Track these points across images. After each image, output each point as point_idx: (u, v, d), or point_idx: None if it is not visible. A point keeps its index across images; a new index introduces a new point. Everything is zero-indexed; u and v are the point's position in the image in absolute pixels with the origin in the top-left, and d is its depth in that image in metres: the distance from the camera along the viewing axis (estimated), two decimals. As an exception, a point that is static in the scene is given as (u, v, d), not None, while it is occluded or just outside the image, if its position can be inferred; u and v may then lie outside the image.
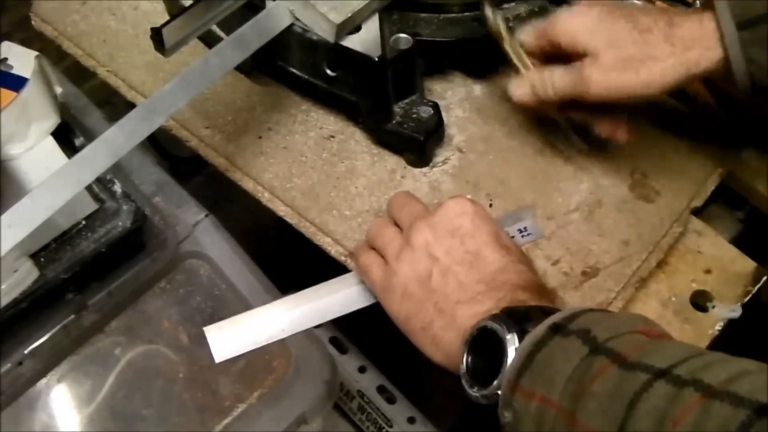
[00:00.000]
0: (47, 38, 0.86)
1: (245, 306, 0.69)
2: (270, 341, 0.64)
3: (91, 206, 0.67)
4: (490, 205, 0.72)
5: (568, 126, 0.71)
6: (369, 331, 1.10)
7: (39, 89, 0.69)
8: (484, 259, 0.58)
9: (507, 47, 0.69)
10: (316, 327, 1.13)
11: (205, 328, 0.64)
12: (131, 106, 0.65)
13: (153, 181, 0.74)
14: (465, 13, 0.75)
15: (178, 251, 0.71)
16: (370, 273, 0.61)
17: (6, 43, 0.70)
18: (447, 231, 0.59)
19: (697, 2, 0.70)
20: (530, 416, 0.47)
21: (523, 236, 0.68)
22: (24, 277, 0.63)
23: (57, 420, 0.65)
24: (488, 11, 0.70)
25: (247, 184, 0.75)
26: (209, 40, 0.78)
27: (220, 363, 0.65)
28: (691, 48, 0.60)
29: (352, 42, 0.69)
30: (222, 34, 0.75)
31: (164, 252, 0.70)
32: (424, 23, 0.74)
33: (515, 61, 0.68)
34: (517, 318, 0.52)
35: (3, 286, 0.62)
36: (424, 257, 0.58)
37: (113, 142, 0.60)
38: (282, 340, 0.68)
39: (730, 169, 0.75)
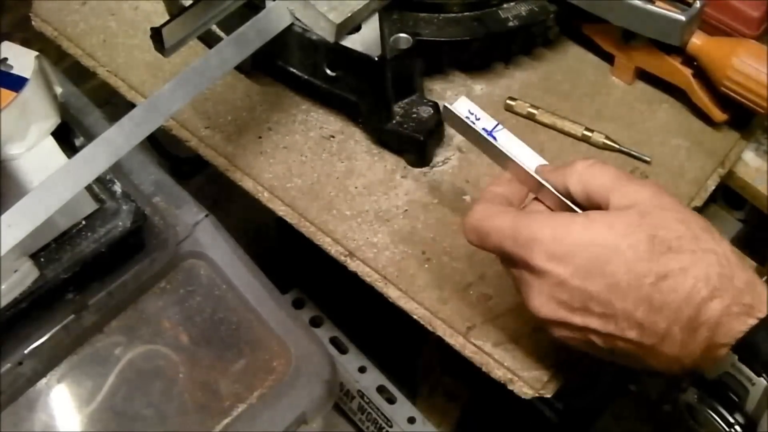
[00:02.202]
0: (47, 38, 0.86)
1: (245, 306, 0.69)
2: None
3: (91, 206, 0.67)
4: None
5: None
6: (369, 331, 1.10)
7: (39, 89, 0.69)
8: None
9: None
10: (316, 327, 1.14)
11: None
12: (131, 106, 0.64)
13: (153, 181, 0.74)
14: (465, 13, 0.75)
15: (178, 251, 0.71)
16: None
17: (6, 43, 0.70)
18: None
19: (697, 3, 0.70)
20: None
21: None
22: (24, 277, 0.63)
23: (57, 420, 0.65)
24: None
25: (247, 184, 0.75)
26: (209, 40, 0.78)
27: (219, 363, 0.65)
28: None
29: (352, 42, 0.69)
30: (222, 34, 0.75)
31: (164, 252, 0.70)
32: (424, 23, 0.74)
33: None
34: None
35: (3, 286, 0.62)
36: None
37: (113, 142, 0.60)
38: (282, 340, 0.68)
39: (730, 169, 0.75)
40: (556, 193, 0.54)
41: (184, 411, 0.66)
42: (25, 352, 0.65)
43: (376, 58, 0.68)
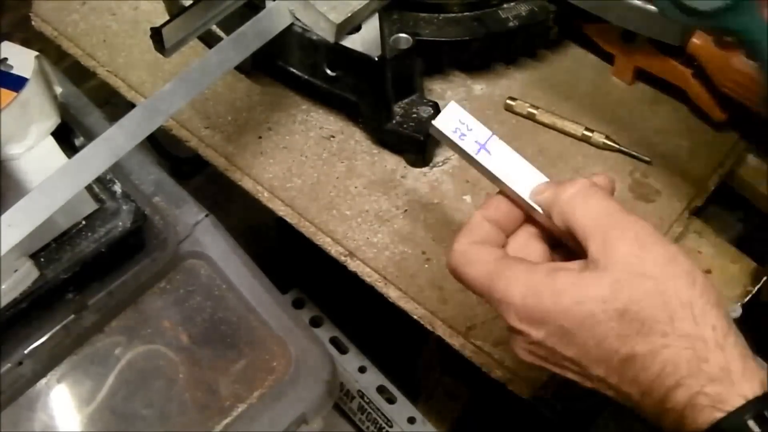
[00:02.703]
0: (47, 38, 0.86)
1: (245, 306, 0.69)
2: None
3: (91, 206, 0.67)
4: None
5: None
6: (369, 331, 1.10)
7: (39, 89, 0.69)
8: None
9: None
10: (316, 327, 1.14)
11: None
12: (131, 106, 0.65)
13: (153, 181, 0.74)
14: (465, 13, 0.75)
15: (178, 251, 0.71)
16: None
17: (6, 43, 0.70)
18: None
19: None
20: None
21: None
22: (24, 277, 0.63)
23: (57, 420, 0.65)
24: None
25: (247, 184, 0.75)
26: (209, 40, 0.78)
27: (219, 363, 0.65)
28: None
29: (352, 42, 0.69)
30: (222, 34, 0.75)
31: (164, 252, 0.70)
32: (424, 23, 0.74)
33: None
34: None
35: (3, 286, 0.62)
36: None
37: (113, 142, 0.60)
38: (282, 340, 0.68)
39: (730, 169, 0.75)
40: (544, 221, 0.50)
41: (184, 411, 0.66)
42: (25, 352, 0.65)
43: (376, 58, 0.68)
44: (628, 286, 0.44)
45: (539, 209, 0.50)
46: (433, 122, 0.52)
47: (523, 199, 0.50)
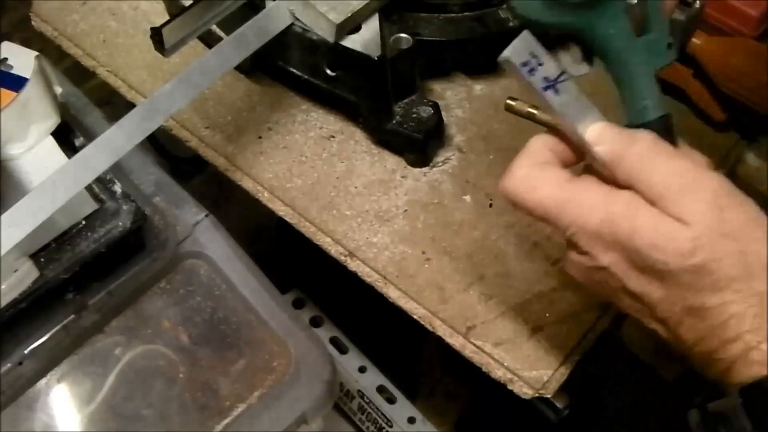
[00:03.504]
0: (47, 38, 0.86)
1: (245, 306, 0.69)
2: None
3: (91, 206, 0.67)
4: (490, 205, 0.72)
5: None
6: (369, 331, 1.10)
7: (39, 89, 0.69)
8: None
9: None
10: (316, 327, 1.14)
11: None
12: (131, 106, 0.64)
13: (153, 181, 0.74)
14: (465, 13, 0.75)
15: (178, 251, 0.71)
16: None
17: (6, 43, 0.70)
18: None
19: (697, 3, 0.70)
20: None
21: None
22: (24, 277, 0.63)
23: (57, 420, 0.65)
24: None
25: (247, 184, 0.75)
26: (209, 40, 0.78)
27: (219, 363, 0.65)
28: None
29: (352, 42, 0.69)
30: (222, 34, 0.75)
31: (164, 252, 0.70)
32: (424, 23, 0.74)
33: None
34: None
35: (3, 286, 0.62)
36: None
37: (113, 142, 0.60)
38: (282, 340, 0.68)
39: (730, 169, 0.75)
40: (607, 173, 0.47)
41: (184, 411, 0.66)
42: (25, 352, 0.64)
43: (376, 58, 0.68)
44: (708, 245, 0.43)
45: (602, 158, 0.47)
46: (504, 53, 0.48)
47: (586, 146, 0.48)
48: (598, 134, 0.47)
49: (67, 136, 0.72)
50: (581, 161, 0.49)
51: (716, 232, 0.43)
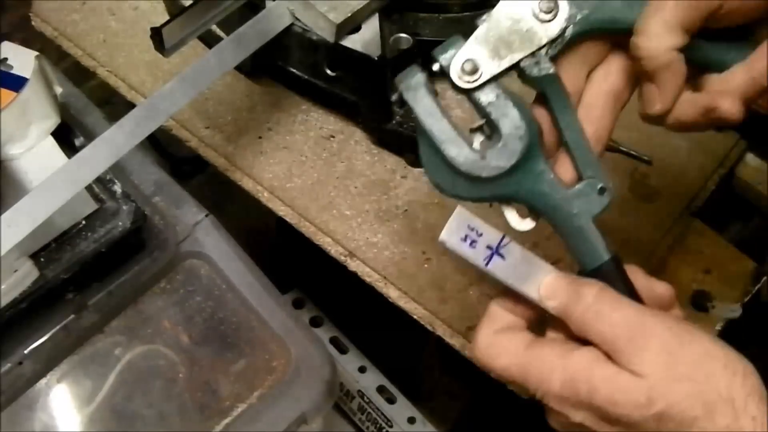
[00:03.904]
0: (47, 38, 0.86)
1: (245, 306, 0.69)
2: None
3: (91, 206, 0.67)
4: (490, 205, 0.72)
5: None
6: (369, 331, 1.10)
7: (39, 89, 0.69)
8: None
9: None
10: (316, 327, 1.14)
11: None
12: (131, 106, 0.65)
13: (153, 181, 0.74)
14: (465, 13, 0.75)
15: (178, 251, 0.71)
16: None
17: (6, 43, 0.70)
18: None
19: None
20: None
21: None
22: (24, 277, 0.63)
23: (57, 420, 0.65)
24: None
25: (247, 184, 0.75)
26: (209, 40, 0.78)
27: (219, 363, 0.65)
28: None
29: (352, 42, 0.69)
30: (222, 34, 0.75)
31: (164, 252, 0.70)
32: (424, 23, 0.74)
33: None
34: None
35: (3, 286, 0.62)
36: None
37: (113, 142, 0.60)
38: (282, 340, 0.68)
39: (730, 169, 0.75)
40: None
41: (184, 411, 0.66)
42: (25, 352, 0.65)
43: (376, 58, 0.68)
44: (665, 393, 0.43)
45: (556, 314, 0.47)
46: (441, 235, 0.46)
47: (540, 303, 0.47)
48: (548, 290, 0.47)
49: (67, 136, 0.72)
50: (543, 314, 0.49)
51: (670, 378, 0.43)
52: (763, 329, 0.71)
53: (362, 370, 1.08)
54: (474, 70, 0.45)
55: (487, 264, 0.47)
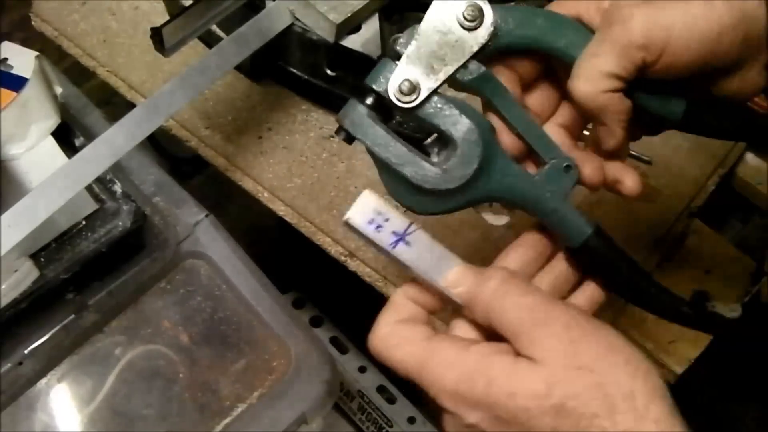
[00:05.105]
0: (47, 38, 0.86)
1: (245, 306, 0.69)
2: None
3: (91, 206, 0.67)
4: (490, 205, 0.72)
5: None
6: (369, 332, 1.10)
7: (39, 89, 0.69)
8: None
9: None
10: (316, 327, 1.14)
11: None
12: (131, 106, 0.65)
13: (153, 181, 0.74)
14: (465, 13, 0.75)
15: (178, 251, 0.71)
16: None
17: (6, 43, 0.70)
18: None
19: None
20: None
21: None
22: (24, 277, 0.63)
23: (57, 420, 0.65)
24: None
25: (247, 184, 0.75)
26: (209, 40, 0.78)
27: (219, 363, 0.65)
28: None
29: (352, 42, 0.69)
30: (222, 34, 0.75)
31: (164, 252, 0.70)
32: (424, 23, 0.74)
33: None
34: None
35: (3, 286, 0.62)
36: None
37: (113, 142, 0.60)
38: (282, 340, 0.68)
39: (730, 169, 0.75)
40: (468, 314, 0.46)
41: (184, 411, 0.66)
42: (25, 352, 0.65)
43: (376, 58, 0.68)
44: (564, 381, 0.41)
45: (461, 302, 0.46)
46: (347, 215, 0.45)
47: (446, 292, 0.46)
48: (455, 278, 0.46)
49: (67, 136, 0.72)
50: (448, 305, 0.48)
51: (570, 367, 0.41)
52: (763, 329, 0.71)
53: (362, 370, 1.08)
54: (412, 90, 0.45)
55: (393, 248, 0.46)
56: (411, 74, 0.45)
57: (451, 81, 0.46)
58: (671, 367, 0.67)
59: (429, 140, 0.47)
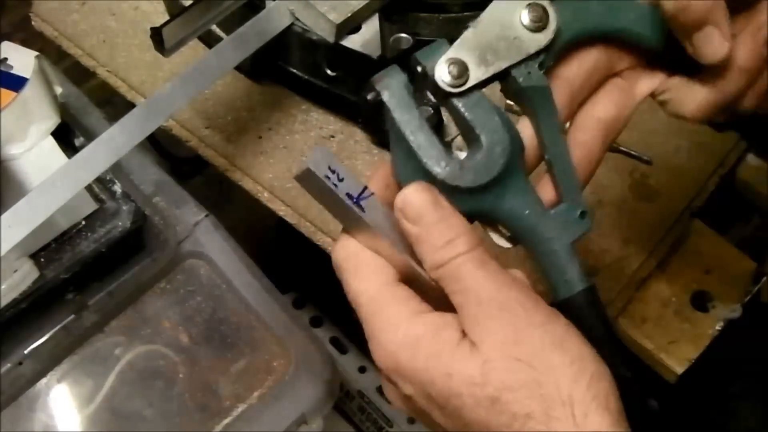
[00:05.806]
0: (47, 38, 0.86)
1: (245, 306, 0.69)
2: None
3: (91, 206, 0.67)
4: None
5: None
6: (369, 331, 1.10)
7: (39, 89, 0.69)
8: None
9: None
10: (316, 327, 1.13)
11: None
12: (131, 106, 0.65)
13: (153, 181, 0.74)
14: (465, 13, 0.75)
15: (178, 251, 0.71)
16: None
17: (6, 43, 0.70)
18: None
19: None
20: None
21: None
22: (24, 277, 0.63)
23: (57, 420, 0.65)
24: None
25: (247, 184, 0.75)
26: (209, 40, 0.78)
27: (219, 363, 0.65)
28: None
29: (352, 42, 0.69)
30: (222, 34, 0.75)
31: (164, 252, 0.70)
32: (424, 23, 0.74)
33: None
34: None
35: (3, 286, 0.62)
36: None
37: (113, 142, 0.60)
38: (282, 340, 0.68)
39: (730, 169, 0.75)
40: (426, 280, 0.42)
41: (184, 411, 0.66)
42: (25, 352, 0.65)
43: (376, 58, 0.68)
44: (500, 371, 0.37)
45: (418, 269, 0.42)
46: (306, 162, 0.42)
47: (402, 258, 0.43)
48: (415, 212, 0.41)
49: (67, 136, 0.72)
50: (406, 277, 0.44)
51: (508, 356, 0.37)
52: (763, 329, 0.71)
53: (362, 370, 1.08)
54: (461, 74, 0.43)
55: (352, 204, 0.42)
56: (463, 59, 0.43)
57: (507, 83, 0.44)
58: (671, 367, 0.67)
59: (450, 137, 0.45)
